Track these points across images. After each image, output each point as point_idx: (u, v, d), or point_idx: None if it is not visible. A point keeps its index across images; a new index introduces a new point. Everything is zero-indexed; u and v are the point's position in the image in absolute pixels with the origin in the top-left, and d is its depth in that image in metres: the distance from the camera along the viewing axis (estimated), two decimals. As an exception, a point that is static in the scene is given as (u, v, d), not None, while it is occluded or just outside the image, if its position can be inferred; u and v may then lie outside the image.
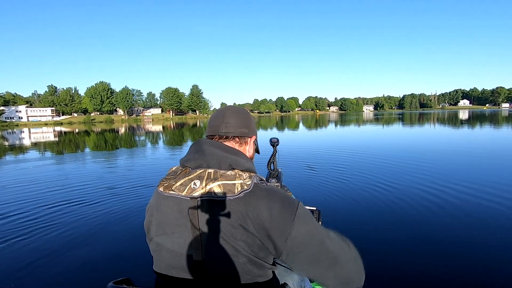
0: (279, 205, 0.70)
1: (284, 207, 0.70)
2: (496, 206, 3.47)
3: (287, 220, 0.69)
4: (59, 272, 2.32)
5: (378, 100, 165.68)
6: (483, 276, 2.08)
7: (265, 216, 0.68)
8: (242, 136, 0.89)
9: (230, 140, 0.87)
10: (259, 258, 0.70)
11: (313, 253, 0.71)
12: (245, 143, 0.90)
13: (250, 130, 0.91)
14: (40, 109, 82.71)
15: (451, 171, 5.45)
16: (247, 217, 0.68)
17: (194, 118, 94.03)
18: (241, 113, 0.91)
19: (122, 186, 5.16)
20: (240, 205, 0.68)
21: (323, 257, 0.72)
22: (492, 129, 15.64)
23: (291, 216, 0.70)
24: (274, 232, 0.69)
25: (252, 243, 0.68)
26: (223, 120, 0.88)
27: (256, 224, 0.68)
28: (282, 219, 0.69)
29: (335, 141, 12.12)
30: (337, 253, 0.74)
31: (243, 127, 0.89)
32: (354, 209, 3.50)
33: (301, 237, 0.70)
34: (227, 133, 0.86)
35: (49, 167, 7.70)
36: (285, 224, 0.69)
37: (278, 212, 0.69)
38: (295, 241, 0.69)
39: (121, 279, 0.73)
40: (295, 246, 0.70)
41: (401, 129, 18.85)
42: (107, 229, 3.20)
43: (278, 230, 0.69)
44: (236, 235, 0.68)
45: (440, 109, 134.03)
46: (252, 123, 0.94)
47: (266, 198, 0.70)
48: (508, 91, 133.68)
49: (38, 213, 3.77)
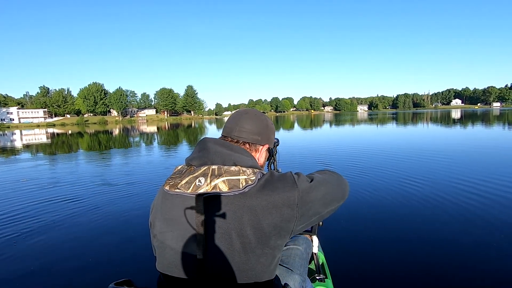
0: (281, 188, 0.71)
1: (285, 190, 0.71)
2: (497, 206, 3.49)
3: (292, 200, 0.71)
4: (59, 273, 2.30)
5: (372, 100, 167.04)
6: (488, 275, 2.08)
7: (271, 206, 0.69)
8: (254, 143, 0.88)
9: (241, 145, 0.86)
10: (263, 254, 0.70)
11: (322, 198, 0.76)
12: (256, 150, 0.89)
13: (264, 139, 0.90)
14: (32, 111, 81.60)
15: (448, 169, 5.47)
16: (254, 211, 0.68)
17: (189, 118, 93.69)
18: (258, 120, 0.90)
19: (121, 186, 5.11)
20: (245, 199, 0.69)
21: (328, 195, 0.78)
22: (484, 128, 15.85)
23: (295, 195, 0.71)
24: (283, 218, 0.70)
25: (259, 237, 0.68)
26: (238, 123, 0.88)
27: (263, 217, 0.68)
28: (288, 206, 0.70)
29: (333, 141, 12.12)
30: (329, 180, 0.81)
31: (257, 134, 0.88)
32: (354, 209, 3.48)
33: (309, 203, 0.73)
34: (239, 137, 0.86)
35: (47, 168, 7.56)
36: (292, 206, 0.71)
37: (282, 199, 0.70)
38: (303, 208, 0.72)
39: (122, 280, 0.73)
40: (305, 214, 0.73)
41: (396, 128, 18.97)
42: (108, 230, 3.17)
43: (287, 215, 0.70)
44: (241, 230, 0.68)
45: (433, 109, 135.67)
46: (268, 132, 0.92)
47: (270, 190, 0.71)
48: (499, 90, 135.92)
49: (37, 214, 3.73)
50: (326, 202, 0.78)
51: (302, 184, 0.74)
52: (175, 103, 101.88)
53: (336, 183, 0.83)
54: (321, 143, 11.60)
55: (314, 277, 1.46)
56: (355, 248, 2.53)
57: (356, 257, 2.36)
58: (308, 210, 0.74)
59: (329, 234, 2.61)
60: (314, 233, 1.30)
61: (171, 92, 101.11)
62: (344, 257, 2.36)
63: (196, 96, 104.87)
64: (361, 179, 4.97)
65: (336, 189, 0.81)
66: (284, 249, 1.16)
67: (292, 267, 1.07)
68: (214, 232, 0.69)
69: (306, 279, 1.12)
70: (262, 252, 0.70)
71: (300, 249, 1.18)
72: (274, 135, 0.98)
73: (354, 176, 5.20)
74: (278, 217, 0.70)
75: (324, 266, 1.66)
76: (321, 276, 1.47)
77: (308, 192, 0.73)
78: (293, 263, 1.09)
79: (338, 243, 2.58)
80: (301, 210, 0.72)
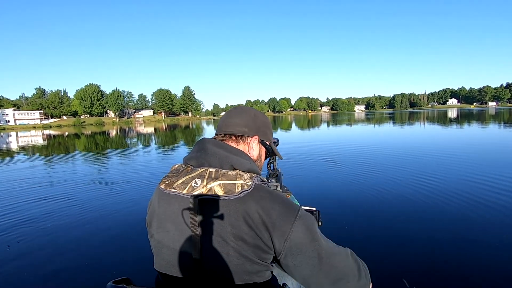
0: (280, 206, 0.70)
1: (284, 208, 0.70)
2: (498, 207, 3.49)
3: (288, 220, 0.69)
4: (58, 272, 2.30)
5: (369, 100, 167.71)
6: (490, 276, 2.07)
7: (265, 216, 0.68)
8: (241, 135, 0.86)
9: (229, 138, 0.86)
10: (258, 258, 0.69)
11: (312, 260, 0.69)
12: (244, 143, 0.87)
13: (251, 130, 0.88)
14: (28, 112, 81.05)
15: (441, 169, 5.49)
16: (247, 217, 0.67)
17: (186, 119, 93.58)
18: (244, 112, 0.89)
19: (120, 186, 5.11)
20: (240, 205, 0.68)
21: (323, 269, 0.70)
22: (479, 127, 15.95)
23: (292, 217, 0.69)
24: (274, 232, 0.68)
25: (251, 243, 0.68)
26: (226, 119, 0.88)
27: (255, 224, 0.67)
28: (282, 219, 0.68)
29: (332, 141, 12.15)
30: (340, 270, 0.72)
31: (244, 126, 0.86)
32: (354, 209, 3.47)
33: (301, 239, 0.69)
34: (226, 131, 0.86)
35: (44, 169, 7.50)
36: (286, 224, 0.68)
37: (278, 213, 0.69)
38: (293, 242, 0.68)
39: (120, 279, 0.73)
40: (294, 247, 0.69)
41: (393, 128, 19.05)
42: (106, 229, 3.16)
43: (278, 230, 0.68)
44: (235, 235, 0.67)
45: (429, 108, 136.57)
46: (257, 123, 0.90)
47: (266, 199, 0.70)
48: (494, 90, 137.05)
49: (36, 214, 3.72)
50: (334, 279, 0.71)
51: (302, 227, 0.70)
52: (173, 104, 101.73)
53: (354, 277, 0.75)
54: (318, 142, 11.63)
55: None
56: (354, 248, 2.48)
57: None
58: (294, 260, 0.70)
59: (327, 234, 2.58)
60: None
61: (168, 93, 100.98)
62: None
63: (193, 97, 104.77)
64: (361, 179, 4.97)
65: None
66: None
67: None
68: (209, 234, 0.69)
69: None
70: (256, 254, 0.69)
71: None
72: (268, 129, 0.94)
73: (354, 176, 5.21)
74: (264, 231, 0.68)
75: None
76: None
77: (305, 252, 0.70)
78: None
79: (337, 243, 2.55)
80: (285, 252, 0.69)
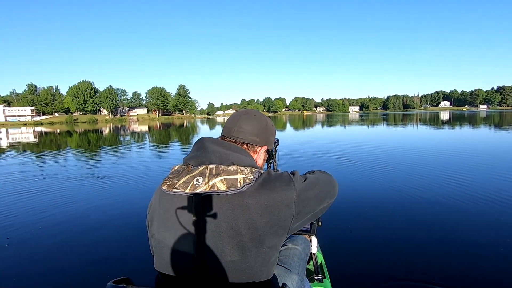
0: (280, 192, 0.71)
1: (283, 190, 0.72)
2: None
3: (290, 201, 0.72)
4: (57, 272, 2.28)
5: (363, 101, 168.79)
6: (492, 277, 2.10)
7: (269, 205, 0.69)
8: (252, 144, 0.88)
9: (239, 145, 0.86)
10: (261, 254, 0.70)
11: (316, 197, 0.78)
12: (254, 151, 0.89)
13: (262, 140, 0.90)
14: (18, 109, 79.57)
15: (439, 170, 5.55)
16: (251, 210, 0.68)
17: (181, 118, 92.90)
18: (257, 121, 0.90)
19: (120, 185, 5.06)
20: (244, 199, 0.69)
21: (322, 193, 0.80)
22: (472, 129, 16.20)
23: (291, 196, 0.72)
24: (281, 216, 0.70)
25: (256, 236, 0.68)
26: (237, 123, 0.88)
27: (261, 216, 0.68)
28: (286, 204, 0.71)
29: (332, 141, 12.18)
30: (321, 179, 0.83)
31: (255, 136, 0.88)
32: (353, 209, 3.47)
33: (305, 200, 0.75)
34: (237, 137, 0.87)
35: (38, 167, 7.35)
36: (290, 204, 0.71)
37: (280, 198, 0.70)
38: (300, 206, 0.74)
39: (120, 279, 0.73)
40: (301, 211, 0.74)
41: (387, 129, 19.20)
42: (106, 229, 3.13)
43: (284, 213, 0.71)
44: (240, 229, 0.68)
45: (422, 110, 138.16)
46: (267, 133, 0.92)
47: (268, 189, 0.71)
48: (485, 93, 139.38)
49: (35, 213, 3.67)
50: (320, 200, 0.80)
51: (298, 183, 0.75)
52: (167, 103, 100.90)
53: (328, 182, 0.85)
54: (318, 142, 11.64)
55: (313, 277, 1.44)
56: (354, 249, 2.52)
57: (355, 258, 2.36)
58: (304, 208, 0.75)
59: (328, 235, 2.60)
60: (313, 233, 1.29)
61: (163, 91, 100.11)
62: (343, 257, 2.36)
63: (188, 96, 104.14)
64: (359, 179, 4.99)
65: (328, 187, 0.83)
66: (283, 249, 1.18)
67: (290, 267, 1.07)
68: (211, 231, 0.69)
69: (305, 279, 1.12)
70: (259, 251, 0.70)
71: (299, 249, 1.19)
72: (274, 136, 0.97)
73: (353, 176, 5.22)
74: (276, 215, 0.70)
75: (322, 267, 1.65)
76: (319, 276, 1.46)
77: (304, 191, 0.75)
78: (291, 263, 1.09)
79: (337, 244, 2.58)
80: (298, 208, 0.73)
